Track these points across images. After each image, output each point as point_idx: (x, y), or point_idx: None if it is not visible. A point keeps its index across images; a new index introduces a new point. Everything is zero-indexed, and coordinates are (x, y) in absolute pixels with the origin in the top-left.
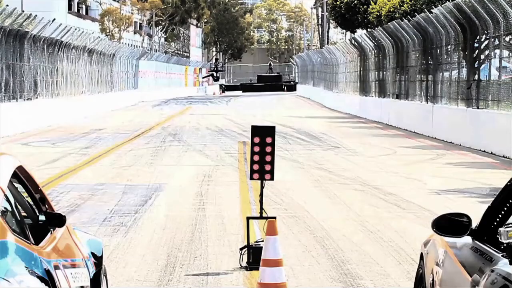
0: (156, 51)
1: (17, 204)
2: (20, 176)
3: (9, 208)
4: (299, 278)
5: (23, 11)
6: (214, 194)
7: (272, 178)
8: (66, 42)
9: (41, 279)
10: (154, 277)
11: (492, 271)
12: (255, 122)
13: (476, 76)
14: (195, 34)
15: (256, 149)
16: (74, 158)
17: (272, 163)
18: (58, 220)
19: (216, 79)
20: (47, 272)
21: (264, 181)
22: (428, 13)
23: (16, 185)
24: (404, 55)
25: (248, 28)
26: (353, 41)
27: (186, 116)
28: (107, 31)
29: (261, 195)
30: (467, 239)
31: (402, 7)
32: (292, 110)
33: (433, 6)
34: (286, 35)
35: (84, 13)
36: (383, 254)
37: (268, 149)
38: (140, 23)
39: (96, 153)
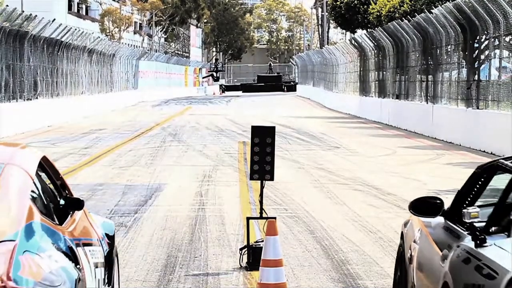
0: (156, 51)
1: (42, 190)
2: (44, 165)
3: (36, 193)
4: (299, 279)
5: (23, 11)
6: (214, 194)
7: (272, 178)
8: (66, 42)
9: (66, 254)
10: (154, 277)
11: (458, 246)
12: (255, 122)
13: (476, 76)
14: (195, 34)
15: (256, 149)
16: (74, 158)
17: (272, 163)
18: (77, 204)
19: (216, 79)
20: (70, 248)
21: (264, 181)
22: (428, 13)
23: (40, 173)
24: (404, 55)
25: (248, 28)
26: (353, 41)
27: (186, 116)
28: (107, 31)
29: (261, 195)
30: (439, 219)
31: (402, 8)
32: (292, 110)
33: (433, 7)
34: (286, 35)
35: (84, 13)
36: (383, 254)
37: (268, 149)
38: (140, 23)
39: (96, 153)
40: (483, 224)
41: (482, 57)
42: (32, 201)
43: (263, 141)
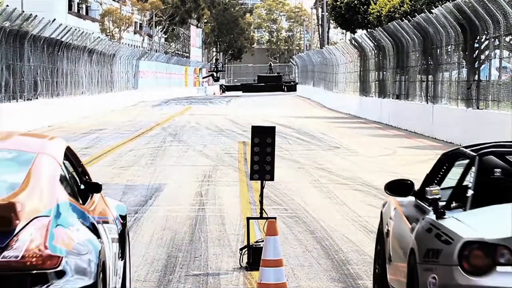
0: (156, 51)
1: (68, 175)
2: (68, 154)
3: (64, 177)
4: (299, 279)
5: (23, 11)
6: (214, 194)
7: (272, 179)
8: (66, 42)
9: (89, 229)
10: (154, 277)
11: (423, 219)
12: (255, 122)
13: (476, 76)
14: (195, 34)
15: (256, 149)
16: None
17: (272, 163)
18: (96, 188)
19: (216, 79)
20: (93, 224)
21: (264, 181)
22: (428, 13)
23: (65, 161)
24: (404, 55)
25: (248, 28)
26: (353, 41)
27: (186, 116)
28: (107, 31)
29: (261, 195)
30: (411, 199)
31: (402, 8)
32: (292, 110)
33: (433, 7)
34: (286, 35)
35: (84, 13)
36: None
37: (268, 149)
38: (140, 23)
39: (96, 153)
40: (445, 202)
41: (482, 57)
42: (60, 184)
43: (263, 141)
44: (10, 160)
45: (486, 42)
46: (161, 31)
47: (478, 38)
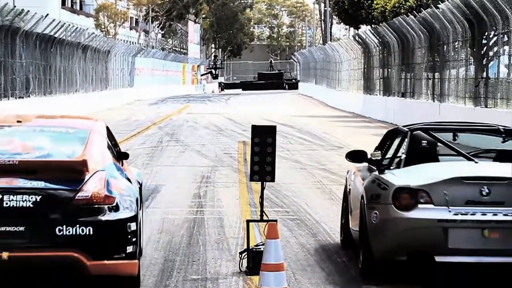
0: (153, 48)
1: (109, 145)
2: (108, 131)
3: (108, 146)
4: (301, 283)
5: (14, 6)
6: (213, 196)
7: (273, 180)
8: (60, 38)
9: (128, 180)
10: (151, 282)
11: (370, 175)
12: (255, 121)
13: (485, 73)
14: (193, 30)
15: (257, 149)
16: None
17: (273, 163)
18: (125, 156)
19: (215, 76)
20: (127, 178)
21: (264, 183)
22: (434, 8)
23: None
24: (409, 52)
25: (248, 24)
26: (357, 38)
27: (184, 115)
28: (102, 27)
29: (262, 197)
30: (365, 164)
31: (407, 2)
32: (293, 109)
33: (439, 1)
34: (287, 31)
35: (78, 8)
36: None
37: (269, 149)
38: (136, 19)
39: None
40: (386, 164)
41: (491, 53)
42: (108, 150)
43: (263, 140)
44: (72, 135)
45: (495, 38)
46: (157, 27)
47: (486, 34)
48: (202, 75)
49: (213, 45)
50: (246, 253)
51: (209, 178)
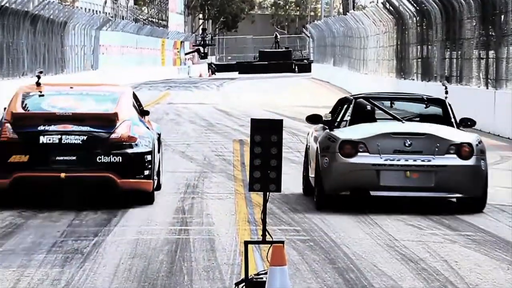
0: (123, 19)
1: (134, 104)
2: (134, 95)
3: (133, 104)
4: None
5: None
6: (201, 211)
7: (278, 189)
8: (1, 6)
9: (147, 128)
10: None
11: (323, 133)
12: (255, 115)
13: None
14: None
15: (258, 150)
16: None
17: (278, 169)
18: (146, 112)
19: (203, 56)
20: (147, 127)
21: (268, 194)
22: None
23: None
24: (456, 24)
25: None
26: (387, 5)
27: (163, 105)
28: None
29: (264, 211)
30: (320, 125)
31: None
32: (305, 98)
33: None
34: None
35: None
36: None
37: (274, 150)
38: None
39: None
40: (336, 124)
41: None
42: (133, 107)
43: (266, 139)
44: (107, 96)
45: None
46: None
47: None
48: (186, 53)
49: (201, 15)
50: (244, 284)
51: (196, 187)
